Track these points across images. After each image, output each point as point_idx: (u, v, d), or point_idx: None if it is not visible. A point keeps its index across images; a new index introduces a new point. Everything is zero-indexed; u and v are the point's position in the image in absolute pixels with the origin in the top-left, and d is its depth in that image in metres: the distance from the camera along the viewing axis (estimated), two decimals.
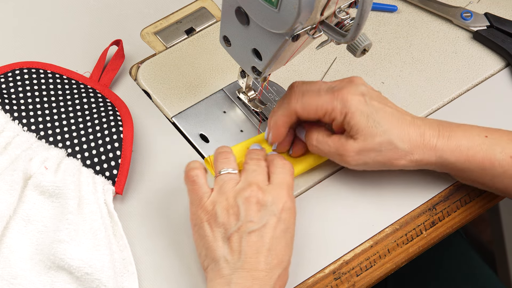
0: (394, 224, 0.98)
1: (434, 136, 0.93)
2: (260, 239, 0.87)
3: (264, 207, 0.89)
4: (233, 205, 0.89)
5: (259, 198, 0.89)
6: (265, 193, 0.89)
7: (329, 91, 0.93)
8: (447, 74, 1.09)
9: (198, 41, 1.11)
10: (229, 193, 0.90)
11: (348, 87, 0.93)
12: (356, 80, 0.95)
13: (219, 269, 0.87)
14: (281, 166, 0.93)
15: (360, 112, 0.92)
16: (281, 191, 0.90)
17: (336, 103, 0.93)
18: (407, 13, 1.14)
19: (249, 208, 0.88)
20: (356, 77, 0.95)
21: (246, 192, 0.89)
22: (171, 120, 1.05)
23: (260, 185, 0.90)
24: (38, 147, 0.98)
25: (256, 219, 0.88)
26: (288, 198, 0.90)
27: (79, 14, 1.13)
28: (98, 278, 0.89)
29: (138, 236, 0.96)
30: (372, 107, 0.93)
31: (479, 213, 1.02)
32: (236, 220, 0.88)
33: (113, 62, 1.06)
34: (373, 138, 0.93)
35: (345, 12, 0.87)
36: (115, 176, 0.97)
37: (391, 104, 0.95)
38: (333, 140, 0.95)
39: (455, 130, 0.94)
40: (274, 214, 0.88)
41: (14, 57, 1.08)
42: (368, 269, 0.96)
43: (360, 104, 0.92)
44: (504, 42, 1.09)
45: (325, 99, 0.93)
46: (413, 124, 0.94)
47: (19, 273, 0.90)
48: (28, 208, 0.94)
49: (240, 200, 0.89)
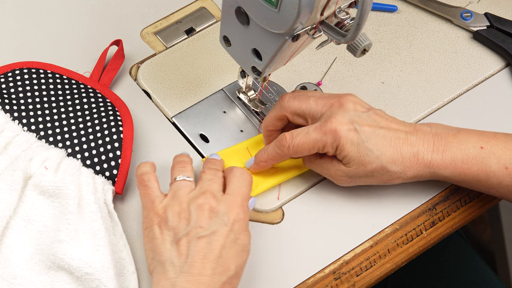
0: (394, 224, 0.98)
1: (429, 151, 0.93)
2: (208, 245, 0.87)
3: (216, 215, 0.89)
4: (185, 210, 0.89)
5: (212, 206, 0.89)
6: (218, 202, 0.90)
7: (318, 129, 0.93)
8: (447, 74, 1.09)
9: (198, 41, 1.11)
10: (182, 199, 0.90)
11: (336, 116, 0.93)
12: (346, 105, 0.94)
13: (165, 272, 0.87)
14: (238, 175, 0.93)
15: (351, 143, 0.92)
16: (235, 201, 0.90)
17: (326, 139, 0.93)
18: (407, 13, 1.14)
19: (201, 214, 0.88)
20: (346, 99, 0.94)
21: (200, 199, 0.89)
22: (171, 120, 1.05)
23: (214, 193, 0.90)
24: (38, 147, 0.97)
25: (206, 225, 0.88)
26: (241, 209, 0.90)
27: (79, 14, 1.13)
28: (98, 278, 0.89)
29: (138, 236, 0.96)
30: (362, 134, 0.92)
31: (479, 213, 1.02)
32: (187, 225, 0.88)
33: (113, 62, 1.06)
34: (365, 166, 0.93)
35: (345, 12, 0.87)
36: (115, 176, 0.97)
37: (384, 121, 0.94)
38: (325, 162, 0.96)
39: (450, 142, 0.93)
40: (225, 224, 0.88)
41: (14, 57, 1.08)
42: (368, 269, 0.96)
43: (349, 134, 0.92)
44: (504, 42, 1.09)
45: (315, 140, 0.93)
46: (406, 143, 0.93)
47: (19, 273, 0.90)
48: (28, 208, 0.94)
49: (193, 206, 0.89)
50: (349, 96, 0.95)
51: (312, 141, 0.93)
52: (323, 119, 0.93)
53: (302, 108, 0.95)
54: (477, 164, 0.93)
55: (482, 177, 0.93)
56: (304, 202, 0.99)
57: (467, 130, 0.95)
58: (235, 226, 0.89)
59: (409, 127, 0.94)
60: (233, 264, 0.87)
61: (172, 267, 0.86)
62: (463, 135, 0.94)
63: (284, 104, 0.96)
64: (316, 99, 0.95)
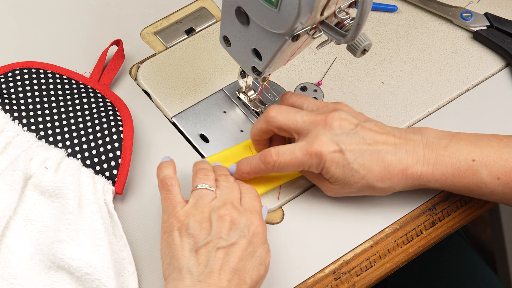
0: (394, 224, 0.98)
1: (418, 164, 0.92)
2: (227, 256, 0.86)
3: (236, 227, 0.88)
4: (206, 219, 0.89)
5: (233, 218, 0.89)
6: (239, 214, 0.89)
7: (302, 148, 0.92)
8: (447, 74, 1.09)
9: (198, 41, 1.11)
10: (204, 208, 0.90)
11: (321, 137, 0.92)
12: (331, 123, 0.93)
13: (182, 279, 0.86)
14: (249, 191, 0.93)
15: (336, 165, 0.92)
16: (254, 215, 0.90)
17: (311, 161, 0.92)
18: (407, 13, 1.14)
19: (221, 225, 0.88)
20: (331, 116, 0.93)
21: (221, 210, 0.89)
22: (171, 120, 1.05)
23: (234, 204, 0.90)
24: (38, 147, 0.97)
25: (226, 236, 0.87)
26: (260, 223, 0.90)
27: (79, 14, 1.13)
28: (98, 278, 0.89)
29: (138, 236, 0.96)
30: (348, 155, 0.91)
31: (479, 213, 1.02)
32: (207, 234, 0.88)
33: (113, 62, 1.06)
34: (351, 186, 0.93)
35: (345, 12, 0.87)
36: (115, 176, 0.97)
37: (372, 136, 0.93)
38: (313, 177, 0.96)
39: (441, 156, 0.92)
40: (244, 236, 0.88)
41: (14, 57, 1.08)
42: (368, 269, 0.96)
43: (334, 156, 0.92)
44: (504, 42, 1.09)
45: (300, 160, 0.92)
46: (395, 158, 0.92)
47: (19, 273, 0.90)
48: (28, 208, 0.94)
49: (214, 216, 0.88)
50: (335, 113, 0.93)
51: (297, 162, 0.93)
52: (309, 139, 0.92)
53: (288, 124, 0.94)
54: (468, 177, 0.92)
55: (473, 188, 0.93)
56: (304, 202, 0.99)
57: (460, 138, 0.93)
58: (254, 239, 0.88)
59: (399, 138, 0.93)
60: (249, 278, 0.87)
61: (189, 275, 0.86)
62: (454, 147, 0.93)
63: (269, 119, 0.95)
64: (303, 116, 0.94)
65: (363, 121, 0.94)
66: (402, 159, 0.92)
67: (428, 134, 0.94)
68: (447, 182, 0.93)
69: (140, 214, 0.97)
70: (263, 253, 0.89)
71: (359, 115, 0.95)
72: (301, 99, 0.97)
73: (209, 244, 0.87)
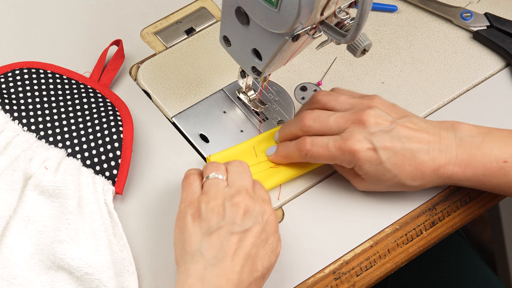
0: (394, 224, 0.98)
1: (450, 165, 0.93)
2: (240, 242, 0.86)
3: (250, 214, 0.88)
4: (220, 205, 0.89)
5: (247, 205, 0.89)
6: (254, 202, 0.89)
7: (336, 143, 0.93)
8: (447, 74, 1.09)
9: (198, 41, 1.11)
10: (217, 195, 0.90)
11: (356, 135, 0.93)
12: (366, 121, 0.93)
13: (193, 262, 0.85)
14: (256, 181, 0.94)
15: (369, 163, 0.93)
16: (266, 204, 0.90)
17: (344, 157, 0.94)
18: (407, 13, 1.14)
19: (235, 211, 0.88)
20: (366, 114, 0.93)
21: (235, 198, 0.89)
22: (171, 120, 1.05)
23: (248, 191, 0.90)
24: (38, 147, 0.98)
25: (240, 222, 0.87)
26: (273, 212, 0.90)
27: (79, 14, 1.13)
28: (98, 278, 0.89)
29: (138, 236, 0.96)
30: (382, 154, 0.92)
31: (479, 213, 1.02)
32: (221, 219, 0.88)
33: (113, 62, 1.06)
34: (382, 183, 0.95)
35: (345, 12, 0.87)
36: (115, 176, 0.97)
37: (406, 133, 0.93)
38: (344, 171, 0.97)
39: (473, 156, 0.92)
40: (258, 223, 0.88)
41: (14, 57, 1.08)
42: (368, 269, 0.96)
43: (368, 154, 0.92)
44: (504, 42, 1.09)
45: (333, 154, 0.94)
46: (428, 157, 0.92)
47: (19, 273, 0.90)
48: (28, 208, 0.94)
49: (228, 203, 0.89)
50: (370, 111, 0.94)
51: (330, 156, 0.94)
52: (344, 135, 0.93)
53: (323, 131, 0.95)
54: (499, 177, 0.93)
55: (503, 187, 0.94)
56: (304, 202, 0.99)
57: (493, 137, 0.94)
58: (267, 227, 0.89)
59: (433, 135, 0.93)
60: (261, 265, 0.87)
61: (201, 258, 0.85)
62: (487, 147, 0.93)
63: (304, 128, 0.96)
64: (337, 118, 0.94)
65: (397, 118, 0.94)
66: (434, 159, 0.93)
67: (462, 131, 0.94)
68: (478, 181, 0.94)
69: (140, 214, 0.97)
70: (274, 242, 0.89)
71: (394, 110, 0.96)
72: (333, 100, 0.97)
73: (222, 228, 0.87)
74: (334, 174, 1.01)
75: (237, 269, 0.85)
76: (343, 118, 0.94)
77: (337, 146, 0.93)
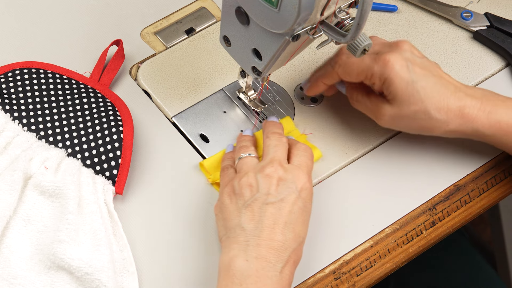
0: (394, 224, 0.98)
1: (475, 108, 0.93)
2: (278, 211, 0.87)
3: (283, 183, 0.90)
4: (252, 179, 0.90)
5: (280, 175, 0.90)
6: (286, 171, 0.91)
7: (372, 56, 0.94)
8: None
9: (198, 41, 1.11)
10: (249, 170, 0.92)
11: (392, 52, 0.93)
12: (402, 46, 0.94)
13: (235, 236, 0.87)
14: (303, 149, 0.94)
15: (400, 79, 0.92)
16: (301, 172, 0.91)
17: (377, 69, 0.93)
18: (407, 13, 1.14)
19: (268, 182, 0.89)
20: (403, 42, 0.95)
21: (267, 169, 0.90)
22: (171, 120, 1.05)
23: (281, 162, 0.91)
24: (38, 147, 0.98)
25: (274, 192, 0.89)
26: (308, 179, 0.91)
27: (79, 14, 1.13)
28: (98, 278, 0.89)
29: (138, 236, 0.96)
30: (413, 74, 0.92)
31: (479, 213, 1.02)
32: (255, 192, 0.89)
33: (113, 62, 1.06)
34: (409, 106, 0.93)
35: (345, 12, 0.87)
36: (115, 176, 0.97)
37: (436, 71, 0.94)
38: (371, 101, 0.96)
39: (497, 106, 0.94)
40: (293, 191, 0.89)
41: (14, 57, 1.08)
42: (368, 269, 0.96)
43: (400, 70, 0.92)
44: (504, 42, 1.09)
45: (366, 65, 0.94)
46: (455, 95, 0.93)
47: (19, 273, 0.90)
48: (28, 208, 0.94)
49: (260, 175, 0.90)
50: (405, 43, 0.95)
51: (362, 65, 0.94)
52: (380, 52, 0.94)
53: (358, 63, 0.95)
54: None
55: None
56: None
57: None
58: (303, 193, 0.90)
59: (460, 84, 0.95)
60: (303, 231, 0.89)
61: (242, 231, 0.87)
62: (511, 101, 0.94)
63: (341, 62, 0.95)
64: (369, 53, 0.94)
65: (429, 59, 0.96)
66: (461, 98, 0.93)
67: (486, 90, 0.96)
68: (501, 130, 0.93)
69: (140, 214, 0.97)
70: (311, 207, 0.90)
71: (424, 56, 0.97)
72: None
73: (258, 200, 0.88)
74: (334, 175, 1.01)
75: (279, 238, 0.86)
76: (378, 45, 0.96)
77: (372, 56, 0.93)
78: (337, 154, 1.02)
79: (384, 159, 1.01)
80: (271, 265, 0.85)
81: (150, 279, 0.93)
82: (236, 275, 0.85)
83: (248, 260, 0.85)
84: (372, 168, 1.01)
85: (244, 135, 0.99)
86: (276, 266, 0.85)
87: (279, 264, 0.86)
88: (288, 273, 0.87)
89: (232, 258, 0.86)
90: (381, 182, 1.00)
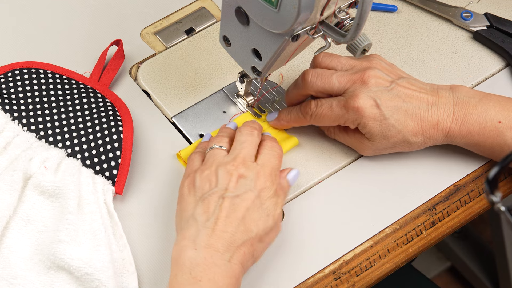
0: (394, 224, 0.98)
1: (448, 120, 0.95)
2: (232, 206, 0.88)
3: (243, 180, 0.90)
4: (213, 173, 0.91)
5: (240, 173, 0.91)
6: (247, 169, 0.91)
7: (340, 103, 0.95)
8: (447, 74, 1.09)
9: (198, 41, 1.11)
10: (212, 163, 0.92)
11: (359, 94, 0.94)
12: (367, 81, 0.95)
13: (188, 227, 0.88)
14: (269, 148, 0.95)
15: (373, 121, 0.95)
16: (263, 171, 0.92)
17: (349, 116, 0.95)
18: (407, 13, 1.14)
19: (228, 179, 0.90)
20: (367, 75, 0.96)
21: (229, 166, 0.91)
22: (171, 120, 1.05)
23: (245, 160, 0.92)
24: (38, 147, 0.98)
25: (232, 189, 0.90)
26: (269, 178, 0.91)
27: (79, 14, 1.13)
28: (98, 278, 0.89)
29: (138, 236, 0.96)
30: (385, 111, 0.95)
31: (479, 213, 1.02)
32: (214, 186, 0.90)
33: (113, 62, 1.06)
34: (388, 140, 0.96)
35: (345, 12, 0.87)
36: (115, 176, 0.97)
37: (406, 91, 0.95)
38: (349, 136, 0.99)
39: (469, 114, 0.95)
40: (251, 189, 0.90)
41: (14, 57, 1.08)
42: (368, 269, 0.96)
43: (372, 111, 0.94)
44: (504, 42, 1.09)
45: (336, 114, 0.96)
46: (427, 114, 0.95)
47: (19, 273, 0.90)
48: (28, 208, 0.94)
49: (221, 170, 0.91)
50: (370, 71, 0.96)
51: (334, 115, 0.96)
52: (347, 95, 0.95)
53: (325, 88, 0.97)
54: (492, 137, 0.95)
55: (496, 149, 0.96)
56: (304, 202, 0.99)
57: (489, 100, 0.96)
58: (262, 193, 0.90)
59: (432, 95, 0.96)
60: (255, 227, 0.89)
61: (194, 222, 0.88)
62: (483, 106, 0.96)
63: (307, 84, 0.98)
64: (339, 77, 0.97)
65: (396, 79, 0.97)
66: (433, 115, 0.95)
67: (460, 92, 0.97)
68: (473, 141, 0.96)
69: (140, 214, 0.97)
70: (270, 206, 0.90)
71: (392, 71, 0.98)
72: (334, 60, 0.99)
73: (215, 194, 0.89)
74: (333, 175, 1.01)
75: (229, 230, 0.87)
76: (344, 77, 0.96)
77: (341, 105, 0.95)
78: (337, 153, 1.02)
79: (384, 159, 1.01)
80: (219, 254, 0.86)
81: (150, 279, 0.93)
82: (186, 264, 0.86)
83: (197, 249, 0.86)
84: (372, 168, 1.01)
85: (226, 127, 0.99)
86: (224, 255, 0.86)
87: (228, 254, 0.86)
88: (237, 263, 0.87)
89: (182, 247, 0.87)
90: (381, 182, 1.00)
